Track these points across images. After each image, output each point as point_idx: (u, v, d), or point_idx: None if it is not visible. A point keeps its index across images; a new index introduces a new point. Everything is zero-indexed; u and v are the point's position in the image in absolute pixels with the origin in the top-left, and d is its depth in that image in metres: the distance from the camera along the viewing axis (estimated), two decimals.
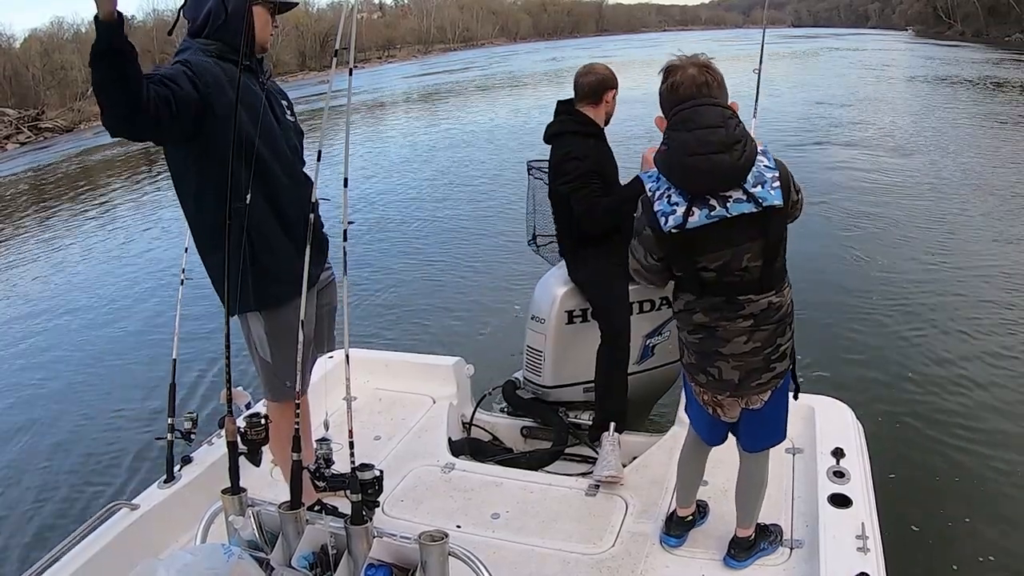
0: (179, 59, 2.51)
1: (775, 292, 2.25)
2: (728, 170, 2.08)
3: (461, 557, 1.89)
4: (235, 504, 2.06)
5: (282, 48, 57.20)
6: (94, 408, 6.06)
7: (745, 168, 2.09)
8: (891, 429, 4.54)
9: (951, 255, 7.71)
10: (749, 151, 2.10)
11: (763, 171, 2.11)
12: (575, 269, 3.63)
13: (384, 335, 6.52)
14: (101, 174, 20.24)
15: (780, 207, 2.11)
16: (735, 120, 2.13)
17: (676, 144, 2.14)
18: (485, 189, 12.69)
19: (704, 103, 2.13)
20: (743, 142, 2.09)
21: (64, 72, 43.65)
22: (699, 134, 2.09)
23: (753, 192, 2.09)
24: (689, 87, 2.15)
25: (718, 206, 2.10)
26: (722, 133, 2.08)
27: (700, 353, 2.36)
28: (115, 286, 9.47)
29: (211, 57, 2.53)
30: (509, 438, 3.88)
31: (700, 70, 2.17)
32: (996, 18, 53.74)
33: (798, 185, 2.24)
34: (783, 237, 2.23)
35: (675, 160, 2.14)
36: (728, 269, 2.20)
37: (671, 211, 2.14)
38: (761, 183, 2.10)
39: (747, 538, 2.59)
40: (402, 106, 31.18)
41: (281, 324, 2.68)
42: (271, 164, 2.62)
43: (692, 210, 2.12)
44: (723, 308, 2.25)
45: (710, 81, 2.16)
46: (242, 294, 2.56)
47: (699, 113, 2.11)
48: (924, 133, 15.13)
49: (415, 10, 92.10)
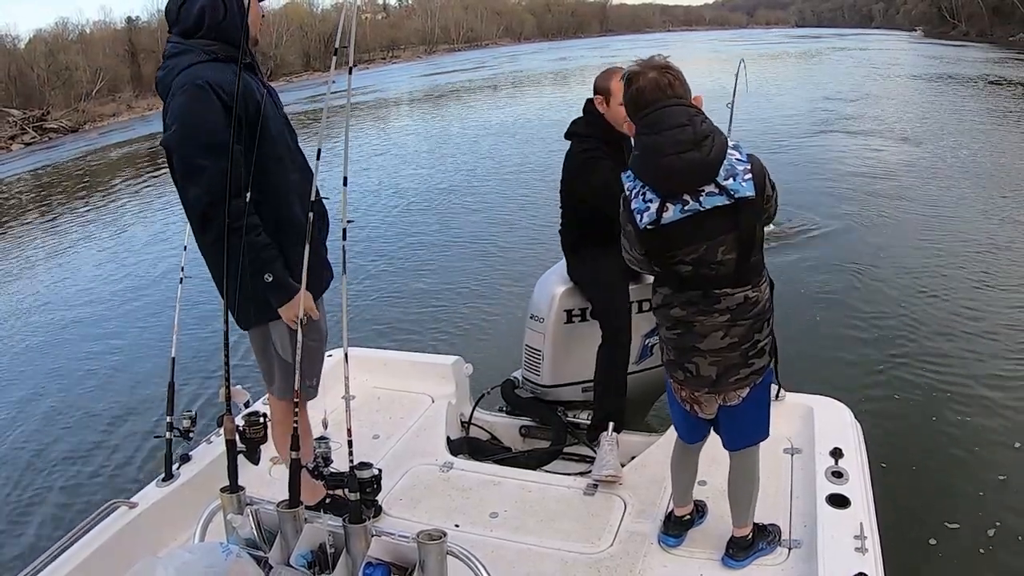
0: (198, 80, 2.41)
1: (751, 287, 2.28)
2: (700, 166, 2.14)
3: (459, 556, 1.89)
4: (233, 502, 2.06)
5: (286, 48, 57.33)
6: (93, 406, 6.08)
7: (716, 162, 2.14)
8: (890, 429, 4.53)
9: (952, 254, 7.70)
10: (718, 144, 2.16)
11: (735, 164, 2.16)
12: (575, 268, 3.63)
13: (383, 334, 6.52)
14: (104, 175, 20.29)
15: (752, 198, 2.15)
16: (700, 116, 2.19)
17: (646, 147, 2.21)
18: (486, 187, 12.70)
19: (668, 104, 2.19)
20: (711, 136, 2.15)
21: (69, 73, 43.74)
22: (668, 135, 2.15)
23: (725, 185, 2.14)
24: (653, 90, 2.20)
25: (691, 200, 2.16)
26: (689, 132, 2.14)
27: (678, 349, 2.40)
28: (115, 285, 9.51)
29: (217, 61, 2.49)
30: (508, 437, 3.88)
31: (660, 72, 2.22)
32: (1000, 18, 53.57)
33: (772, 182, 2.28)
34: (758, 231, 2.26)
35: (648, 163, 2.20)
36: (703, 262, 2.24)
37: (645, 208, 2.21)
38: (733, 175, 2.15)
39: (744, 538, 2.59)
40: (406, 105, 31.22)
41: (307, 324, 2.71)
42: (289, 168, 2.64)
43: (666, 206, 2.18)
44: (699, 302, 2.29)
45: (672, 81, 2.21)
46: (267, 304, 2.58)
47: (664, 115, 2.17)
48: (930, 126, 15.26)
49: (419, 10, 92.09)
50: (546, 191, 9.89)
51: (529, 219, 9.96)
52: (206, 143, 2.37)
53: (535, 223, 9.49)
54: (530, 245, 8.66)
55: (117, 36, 52.86)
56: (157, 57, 32.71)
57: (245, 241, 2.38)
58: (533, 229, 9.28)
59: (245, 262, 2.36)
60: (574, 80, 33.13)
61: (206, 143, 2.37)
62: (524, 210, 10.62)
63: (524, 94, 30.85)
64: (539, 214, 9.69)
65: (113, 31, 54.08)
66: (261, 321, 2.71)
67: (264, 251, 2.49)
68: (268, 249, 2.51)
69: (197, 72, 2.44)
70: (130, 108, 42.80)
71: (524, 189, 11.96)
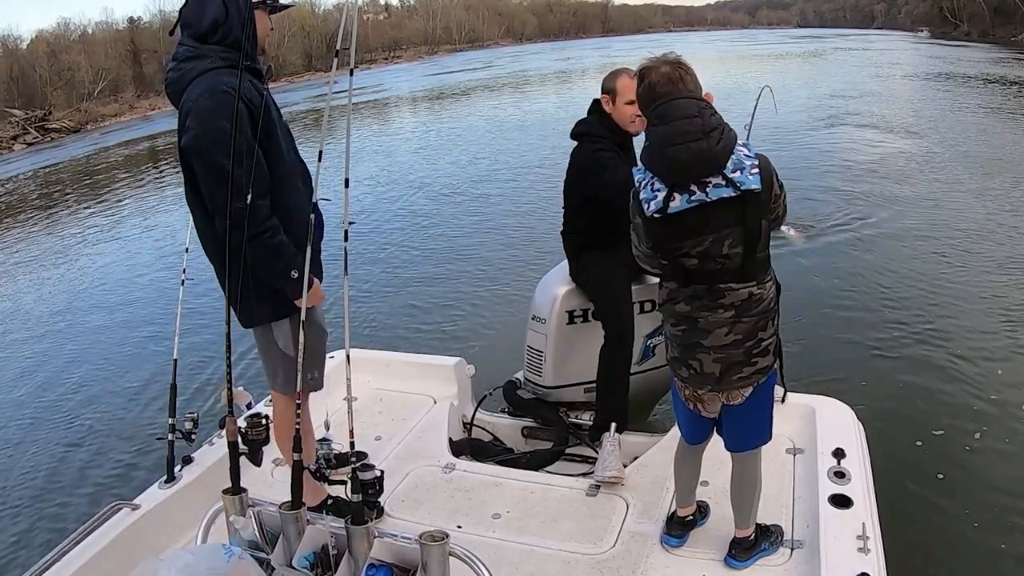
0: (223, 86, 2.46)
1: (756, 283, 2.30)
2: (707, 156, 2.16)
3: (462, 557, 1.89)
4: (236, 504, 2.07)
5: (288, 49, 57.34)
6: (95, 408, 6.09)
7: (724, 153, 2.17)
8: (892, 429, 4.52)
9: (957, 255, 7.68)
10: (727, 137, 2.19)
11: (742, 158, 2.19)
12: (578, 269, 3.63)
13: (385, 335, 6.52)
14: (106, 175, 20.31)
15: (758, 191, 2.18)
16: (710, 110, 2.23)
17: (656, 138, 2.24)
18: (487, 187, 12.70)
19: (678, 96, 2.23)
20: (720, 129, 2.19)
21: (71, 73, 43.85)
22: (677, 125, 2.19)
23: (732, 177, 2.17)
24: (664, 84, 2.25)
25: (698, 191, 2.19)
26: (698, 122, 2.18)
27: (683, 346, 2.41)
28: (117, 287, 9.51)
29: (233, 68, 2.48)
30: (510, 438, 3.88)
31: (672, 67, 2.27)
32: (1002, 18, 53.51)
33: (781, 182, 2.30)
34: (764, 227, 2.27)
35: (656, 152, 2.24)
36: (709, 255, 2.26)
37: (653, 197, 2.24)
38: (740, 169, 2.18)
39: (747, 538, 2.59)
40: (409, 104, 31.22)
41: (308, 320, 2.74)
42: (292, 171, 2.70)
43: (673, 195, 2.21)
44: (704, 297, 2.31)
45: (683, 76, 2.26)
46: (271, 304, 2.66)
47: (674, 106, 2.22)
48: (933, 122, 15.30)
49: (421, 11, 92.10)
50: (548, 192, 9.91)
51: (531, 219, 9.96)
52: (237, 148, 2.40)
53: (537, 223, 9.48)
54: (531, 246, 8.65)
55: (119, 36, 52.97)
56: (159, 57, 32.85)
57: (272, 242, 2.53)
58: (535, 230, 9.27)
59: (267, 260, 2.53)
60: (579, 79, 33.17)
61: (237, 148, 2.40)
62: (526, 210, 10.63)
63: (529, 93, 30.83)
64: (541, 215, 9.69)
65: (115, 31, 54.20)
66: (266, 320, 2.75)
67: (288, 248, 2.59)
68: (290, 246, 2.59)
69: (219, 79, 2.48)
70: (132, 108, 42.89)
71: (527, 189, 11.96)
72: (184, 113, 2.52)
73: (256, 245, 2.50)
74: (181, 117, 2.54)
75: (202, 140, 2.47)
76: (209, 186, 2.51)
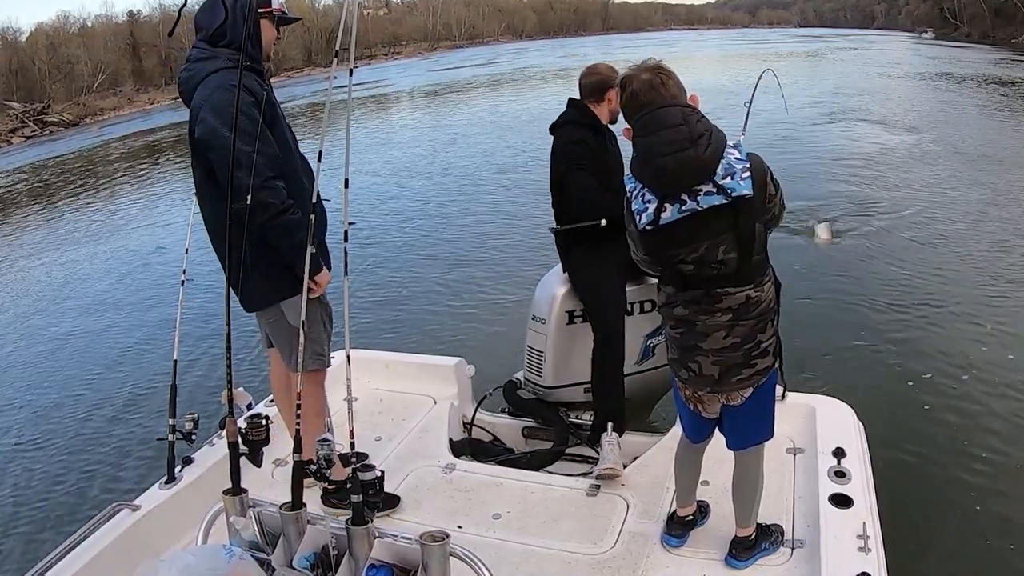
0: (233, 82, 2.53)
1: (754, 286, 2.29)
2: (696, 164, 2.14)
3: (462, 557, 1.89)
4: (236, 505, 2.06)
5: (288, 44, 57.17)
6: (95, 409, 6.07)
7: (713, 159, 2.14)
8: (892, 429, 4.51)
9: (959, 255, 7.69)
10: (715, 142, 2.15)
11: (733, 163, 2.16)
12: (570, 268, 3.64)
13: (385, 335, 6.50)
14: (104, 169, 20.29)
15: (749, 196, 2.15)
16: (696, 115, 2.20)
17: (643, 149, 2.22)
18: (488, 187, 12.68)
19: (663, 105, 2.19)
20: (707, 135, 2.15)
21: (70, 66, 43.80)
22: (663, 135, 2.16)
23: (722, 184, 2.15)
24: (646, 92, 2.22)
25: (689, 200, 2.17)
26: (684, 131, 2.15)
27: (682, 348, 2.41)
28: (116, 286, 9.48)
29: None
30: (510, 438, 3.88)
31: (653, 74, 2.23)
32: (1002, 19, 53.50)
33: (776, 181, 2.28)
34: (760, 232, 2.26)
35: (645, 164, 2.22)
36: (705, 261, 2.25)
37: (644, 209, 2.24)
38: (731, 174, 2.15)
39: (748, 538, 2.59)
40: (409, 101, 31.18)
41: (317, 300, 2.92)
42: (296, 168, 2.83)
43: (664, 206, 2.20)
44: (702, 301, 2.31)
45: (665, 81, 2.23)
46: (279, 284, 2.78)
47: (659, 116, 2.18)
48: (935, 119, 15.36)
49: (421, 7, 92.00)
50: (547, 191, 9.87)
51: (531, 219, 9.93)
52: (249, 132, 2.52)
53: (537, 223, 9.45)
54: (532, 246, 8.63)
55: (118, 30, 52.94)
56: (158, 52, 32.92)
57: (294, 218, 2.66)
58: (535, 229, 9.24)
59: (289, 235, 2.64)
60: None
61: (249, 132, 2.52)
62: (526, 210, 10.60)
63: (532, 91, 30.74)
64: (541, 214, 9.64)
65: (115, 25, 54.20)
66: (274, 300, 2.87)
67: (303, 226, 2.63)
68: (304, 224, 2.64)
69: (228, 77, 2.66)
70: (131, 102, 42.86)
71: (528, 188, 11.93)
72: (197, 108, 2.70)
73: (278, 224, 2.65)
74: (193, 112, 2.72)
75: (218, 130, 2.61)
76: (228, 170, 2.56)
